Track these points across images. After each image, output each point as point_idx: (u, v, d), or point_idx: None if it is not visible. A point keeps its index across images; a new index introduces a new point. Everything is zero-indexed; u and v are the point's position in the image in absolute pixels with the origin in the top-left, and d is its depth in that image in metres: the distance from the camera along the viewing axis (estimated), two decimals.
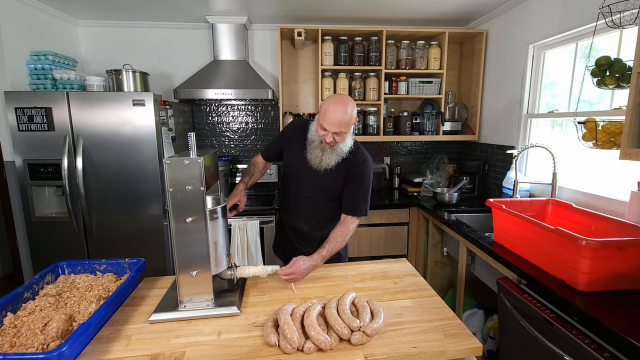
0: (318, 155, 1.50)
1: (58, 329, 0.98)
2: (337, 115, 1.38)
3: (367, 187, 1.55)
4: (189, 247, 1.15)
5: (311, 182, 1.57)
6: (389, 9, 2.58)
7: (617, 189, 1.75)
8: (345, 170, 1.53)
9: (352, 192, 1.54)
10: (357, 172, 1.53)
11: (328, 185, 1.56)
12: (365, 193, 1.55)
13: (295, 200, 1.65)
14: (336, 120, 1.38)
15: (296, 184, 1.63)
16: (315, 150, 1.50)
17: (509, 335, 1.47)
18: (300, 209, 1.65)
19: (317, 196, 1.59)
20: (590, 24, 1.77)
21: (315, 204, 1.61)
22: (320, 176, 1.54)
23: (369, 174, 1.56)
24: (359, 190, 1.53)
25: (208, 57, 2.93)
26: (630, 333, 0.96)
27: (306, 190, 1.60)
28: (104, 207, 2.29)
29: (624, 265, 1.20)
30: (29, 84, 2.34)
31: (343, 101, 1.40)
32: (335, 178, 1.54)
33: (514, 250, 1.58)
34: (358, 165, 1.53)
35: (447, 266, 2.59)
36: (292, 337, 0.95)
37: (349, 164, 1.52)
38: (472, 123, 2.95)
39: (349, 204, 1.55)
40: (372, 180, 1.57)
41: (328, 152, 1.48)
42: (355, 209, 1.54)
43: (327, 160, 1.49)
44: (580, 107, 1.80)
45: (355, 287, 1.34)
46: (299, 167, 1.58)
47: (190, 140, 1.15)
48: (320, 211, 1.62)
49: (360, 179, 1.53)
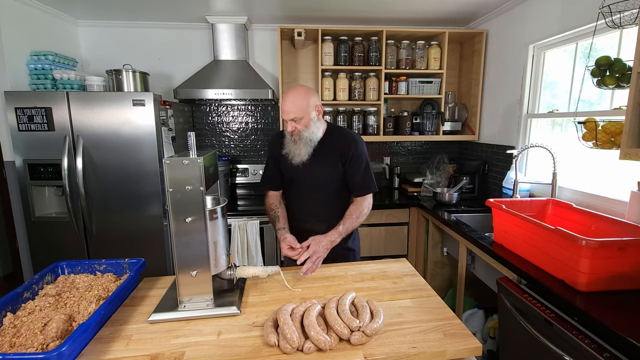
0: (292, 149, 1.52)
1: (58, 329, 0.97)
2: (288, 103, 1.44)
3: (366, 164, 1.57)
4: (189, 247, 1.15)
5: (309, 182, 1.57)
6: (389, 9, 2.58)
7: (617, 189, 1.75)
8: (339, 156, 1.54)
9: (354, 174, 1.56)
10: (350, 153, 1.54)
11: (327, 178, 1.57)
12: (366, 170, 1.57)
13: (305, 206, 1.64)
14: (287, 108, 1.44)
15: (298, 191, 1.63)
16: (288, 145, 1.53)
17: (509, 335, 1.47)
18: (313, 213, 1.63)
19: (323, 192, 1.59)
20: (590, 24, 1.77)
21: (324, 201, 1.60)
22: (309, 172, 1.54)
23: (363, 151, 1.57)
24: (359, 169, 1.55)
25: (208, 57, 2.93)
26: (630, 333, 0.96)
27: (310, 192, 1.60)
28: (104, 207, 2.29)
29: (624, 265, 1.20)
30: (29, 84, 2.34)
31: (294, 90, 1.46)
32: (324, 168, 1.55)
33: (514, 250, 1.58)
34: (348, 146, 1.54)
35: (447, 266, 2.59)
36: (292, 337, 0.95)
37: (335, 149, 1.54)
38: (472, 123, 2.95)
39: (355, 186, 1.57)
40: (367, 155, 1.59)
41: (299, 143, 1.50)
42: (362, 188, 1.56)
43: (299, 153, 1.51)
44: (580, 107, 1.80)
45: (355, 287, 1.34)
46: (294, 174, 1.58)
47: (190, 140, 1.15)
48: (332, 205, 1.61)
49: (356, 158, 1.55)
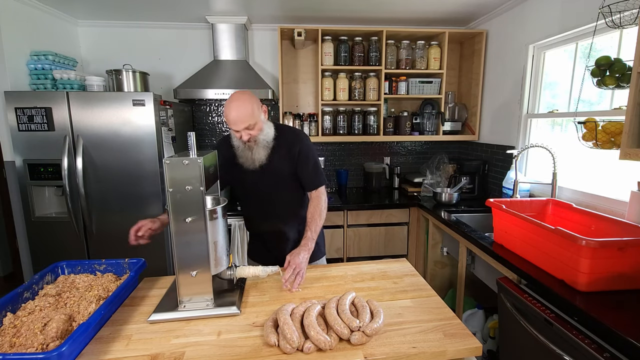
0: (248, 156, 1.50)
1: (58, 329, 0.97)
2: (232, 114, 1.37)
3: (314, 159, 1.58)
4: (189, 247, 1.15)
5: (263, 185, 1.55)
6: (389, 9, 2.58)
7: (617, 189, 1.75)
8: (287, 155, 1.53)
9: (304, 170, 1.56)
10: (297, 150, 1.53)
11: (279, 178, 1.56)
12: (316, 164, 1.58)
13: (260, 208, 1.62)
14: (234, 119, 1.38)
15: (251, 195, 1.61)
16: (244, 153, 1.50)
17: (509, 335, 1.47)
18: (266, 214, 1.62)
19: (277, 193, 1.58)
20: (590, 24, 1.77)
21: (279, 201, 1.60)
22: (267, 175, 1.53)
23: (310, 146, 1.58)
24: (308, 165, 1.55)
25: (208, 57, 2.93)
26: (630, 333, 0.96)
27: (264, 195, 1.58)
28: (104, 207, 2.29)
29: (624, 265, 1.20)
30: (29, 84, 2.34)
31: (235, 97, 1.39)
32: (281, 168, 1.54)
33: (514, 250, 1.58)
34: (294, 144, 1.54)
35: (447, 266, 2.59)
36: (292, 337, 0.95)
37: (285, 147, 1.53)
38: (472, 123, 2.95)
39: (307, 181, 1.57)
40: (313, 149, 1.60)
41: (255, 149, 1.48)
42: (314, 183, 1.56)
43: (258, 157, 1.49)
44: (580, 107, 1.80)
45: (355, 287, 1.34)
46: (244, 177, 1.55)
47: (190, 140, 1.15)
48: (284, 204, 1.61)
49: (303, 154, 1.54)
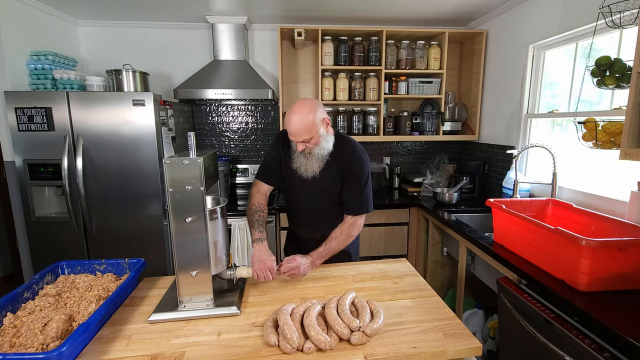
0: (303, 163, 1.48)
1: (58, 329, 0.97)
2: (293, 125, 1.34)
3: (364, 183, 1.48)
4: (189, 247, 1.15)
5: (310, 192, 1.53)
6: (389, 9, 2.58)
7: (617, 189, 1.75)
8: (338, 171, 1.48)
9: (349, 191, 1.49)
10: (350, 169, 1.47)
11: (327, 193, 1.52)
12: (362, 189, 1.48)
13: (301, 213, 1.62)
14: (294, 130, 1.34)
15: (297, 197, 1.58)
16: (299, 159, 1.48)
17: (509, 335, 1.47)
18: (308, 221, 1.61)
19: (321, 204, 1.56)
20: (590, 24, 1.77)
21: (321, 212, 1.57)
22: (317, 184, 1.50)
23: (364, 168, 1.48)
24: (356, 187, 1.48)
25: (208, 57, 2.93)
26: (630, 333, 0.96)
27: (309, 202, 1.56)
28: (104, 207, 2.29)
29: (624, 265, 1.20)
30: (29, 84, 2.34)
31: (297, 109, 1.34)
32: (330, 183, 1.50)
33: (514, 250, 1.58)
34: (348, 161, 1.47)
35: (447, 266, 2.59)
36: (292, 337, 0.95)
37: (340, 163, 1.47)
38: (472, 123, 2.95)
39: (347, 203, 1.50)
40: (368, 173, 1.49)
41: (310, 159, 1.45)
42: (354, 207, 1.49)
43: (311, 168, 1.46)
44: (580, 107, 1.80)
45: (355, 287, 1.34)
46: (295, 179, 1.54)
47: (190, 140, 1.15)
48: (328, 218, 1.56)
49: (355, 175, 1.47)
